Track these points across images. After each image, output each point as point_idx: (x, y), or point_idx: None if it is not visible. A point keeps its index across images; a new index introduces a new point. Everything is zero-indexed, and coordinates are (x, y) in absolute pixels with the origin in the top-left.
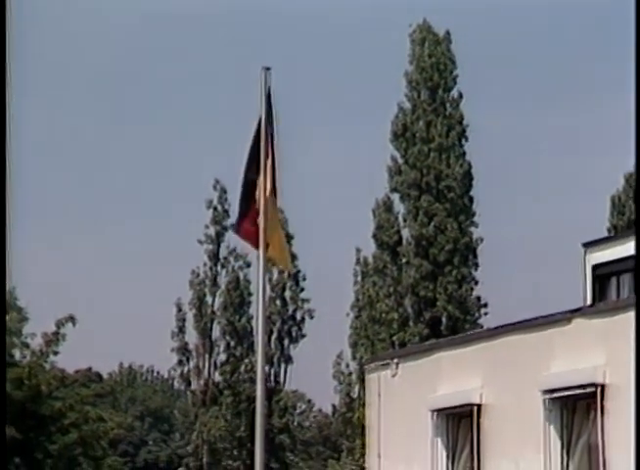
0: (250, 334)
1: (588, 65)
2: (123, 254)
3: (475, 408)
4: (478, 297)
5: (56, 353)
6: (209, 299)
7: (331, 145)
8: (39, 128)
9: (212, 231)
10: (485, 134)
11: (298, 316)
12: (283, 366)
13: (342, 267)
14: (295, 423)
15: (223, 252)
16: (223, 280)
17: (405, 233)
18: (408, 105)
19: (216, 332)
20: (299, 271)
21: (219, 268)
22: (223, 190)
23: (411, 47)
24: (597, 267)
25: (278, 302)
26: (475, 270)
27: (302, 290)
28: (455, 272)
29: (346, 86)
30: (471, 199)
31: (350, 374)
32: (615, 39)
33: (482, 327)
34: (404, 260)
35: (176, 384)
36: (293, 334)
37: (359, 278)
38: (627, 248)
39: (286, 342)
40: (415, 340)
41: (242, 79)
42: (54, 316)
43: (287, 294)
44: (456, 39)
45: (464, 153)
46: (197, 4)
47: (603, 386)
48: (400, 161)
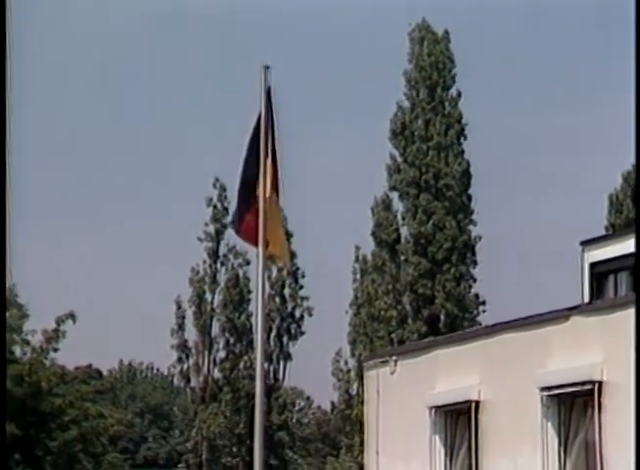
0: (249, 331)
1: (588, 65)
2: (123, 251)
3: (472, 405)
4: (476, 294)
5: (56, 350)
6: (209, 296)
7: (330, 143)
8: (39, 128)
9: (212, 229)
10: (484, 133)
11: (298, 314)
12: (282, 363)
13: (341, 265)
14: (294, 420)
15: (223, 249)
16: (223, 278)
17: (404, 231)
18: (407, 103)
19: (216, 329)
20: (299, 269)
21: (219, 266)
22: (223, 188)
23: (410, 46)
24: (595, 265)
25: (277, 299)
26: (473, 268)
27: (302, 287)
28: (453, 270)
29: (346, 85)
30: (469, 197)
31: (349, 371)
32: (615, 39)
33: (481, 324)
34: (403, 258)
35: (176, 381)
36: (292, 331)
37: (358, 276)
38: (625, 246)
39: (285, 339)
40: (413, 337)
41: (241, 78)
42: (54, 313)
43: (286, 291)
44: (455, 38)
45: (462, 151)
46: (197, 4)
47: (600, 383)
48: (399, 159)
